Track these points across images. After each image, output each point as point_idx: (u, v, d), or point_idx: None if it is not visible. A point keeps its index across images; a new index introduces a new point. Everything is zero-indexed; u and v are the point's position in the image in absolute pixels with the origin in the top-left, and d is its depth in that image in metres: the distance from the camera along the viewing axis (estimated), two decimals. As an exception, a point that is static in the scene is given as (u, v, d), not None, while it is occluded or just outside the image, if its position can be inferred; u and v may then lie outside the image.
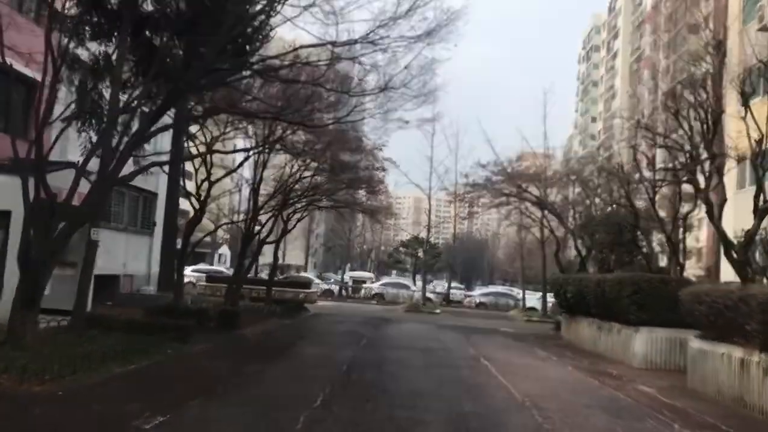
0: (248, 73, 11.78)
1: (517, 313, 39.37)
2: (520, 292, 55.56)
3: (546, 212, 28.65)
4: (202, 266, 51.61)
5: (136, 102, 11.67)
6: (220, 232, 51.96)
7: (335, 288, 49.18)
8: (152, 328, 13.70)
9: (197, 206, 20.97)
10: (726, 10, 24.25)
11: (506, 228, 52.24)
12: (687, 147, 14.49)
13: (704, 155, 14.07)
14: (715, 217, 13.53)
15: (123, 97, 12.54)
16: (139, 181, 23.73)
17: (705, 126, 13.08)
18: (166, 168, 24.17)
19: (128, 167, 14.89)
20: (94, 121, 13.02)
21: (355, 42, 11.17)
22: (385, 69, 12.26)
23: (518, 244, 44.05)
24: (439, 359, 14.68)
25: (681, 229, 18.21)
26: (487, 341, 20.92)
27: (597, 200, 24.71)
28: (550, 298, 37.61)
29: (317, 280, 52.02)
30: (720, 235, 13.39)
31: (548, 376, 13.22)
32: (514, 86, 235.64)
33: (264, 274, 42.52)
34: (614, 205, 21.40)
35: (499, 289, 60.99)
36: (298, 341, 16.30)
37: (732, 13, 23.79)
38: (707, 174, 14.21)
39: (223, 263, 65.88)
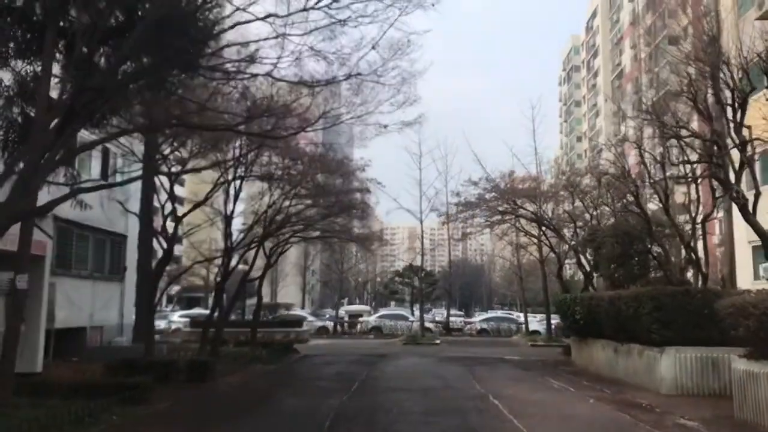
0: (186, 75, 9.96)
1: (521, 338, 37.28)
2: (521, 315, 53.61)
3: (544, 229, 26.80)
4: (196, 311, 49.35)
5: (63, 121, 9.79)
6: (212, 274, 49.67)
7: (330, 324, 46.86)
8: (102, 389, 11.71)
9: (165, 246, 19.11)
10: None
11: (502, 250, 50.33)
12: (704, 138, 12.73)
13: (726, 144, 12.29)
14: (749, 213, 11.71)
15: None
16: (104, 223, 21.92)
17: (732, 108, 11.38)
18: (133, 207, 22.36)
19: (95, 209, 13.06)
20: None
21: (305, 9, 9.34)
22: (352, 57, 10.51)
23: (515, 265, 42.10)
24: (442, 402, 12.66)
25: (700, 235, 16.39)
26: (493, 373, 18.90)
27: (598, 212, 22.94)
28: (554, 319, 35.75)
29: (310, 318, 49.77)
30: (759, 234, 11.55)
31: (571, 414, 11.23)
32: (496, 116, 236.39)
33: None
34: (621, 214, 19.57)
35: (500, 313, 58.95)
36: (278, 391, 14.24)
37: (725, 4, 22.39)
38: (735, 165, 12.41)
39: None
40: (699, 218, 17.72)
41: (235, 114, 11.33)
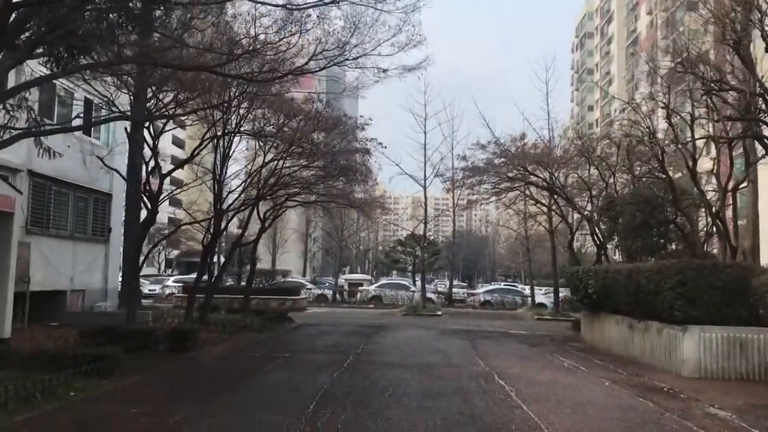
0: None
1: (526, 311, 36.09)
2: (525, 287, 52.35)
3: (556, 198, 25.28)
4: (192, 276, 48.28)
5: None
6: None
7: (329, 293, 45.76)
8: (69, 359, 10.49)
9: (149, 205, 17.77)
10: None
11: (508, 220, 48.92)
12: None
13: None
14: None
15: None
16: (86, 181, 20.56)
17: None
18: (120, 165, 20.97)
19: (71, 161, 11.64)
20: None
21: None
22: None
23: (523, 236, 40.65)
24: (442, 382, 11.41)
25: (729, 204, 14.95)
26: (498, 349, 17.69)
27: (615, 179, 21.42)
28: (561, 292, 34.54)
29: (309, 285, 48.73)
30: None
31: (585, 400, 9.97)
32: (506, 84, 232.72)
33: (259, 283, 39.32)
34: (643, 180, 18.06)
35: (503, 285, 57.82)
36: (264, 364, 13.01)
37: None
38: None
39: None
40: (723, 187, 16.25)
41: (217, 52, 9.87)
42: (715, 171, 16.35)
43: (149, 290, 45.45)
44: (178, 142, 77.29)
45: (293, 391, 10.07)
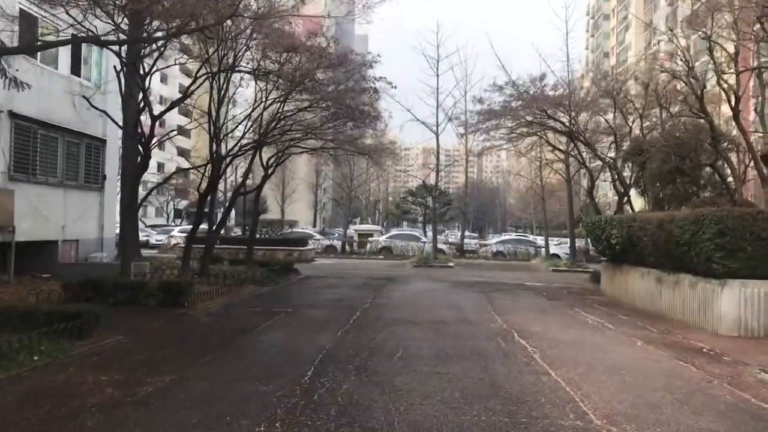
0: None
1: (540, 262, 34.96)
2: (537, 238, 51.11)
3: (576, 143, 23.69)
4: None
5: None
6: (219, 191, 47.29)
7: (338, 244, 44.74)
8: (42, 317, 9.44)
9: (141, 150, 16.56)
10: None
11: (521, 169, 47.38)
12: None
13: None
14: None
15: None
16: (77, 125, 19.28)
17: None
18: (111, 108, 19.61)
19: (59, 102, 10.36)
20: None
21: None
22: None
23: (537, 185, 39.15)
24: (456, 342, 10.30)
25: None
26: (515, 303, 16.59)
27: (642, 122, 19.82)
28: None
29: (318, 236, 47.76)
30: None
31: (619, 364, 8.83)
32: (521, 30, 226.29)
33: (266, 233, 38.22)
34: (676, 121, 16.51)
35: (514, 236, 56.64)
36: (262, 321, 11.93)
37: None
38: None
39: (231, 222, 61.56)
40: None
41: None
42: (759, 110, 14.83)
43: (156, 240, 44.81)
44: (182, 90, 75.57)
45: (290, 354, 8.98)
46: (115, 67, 17.66)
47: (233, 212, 65.20)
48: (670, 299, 14.56)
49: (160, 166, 75.14)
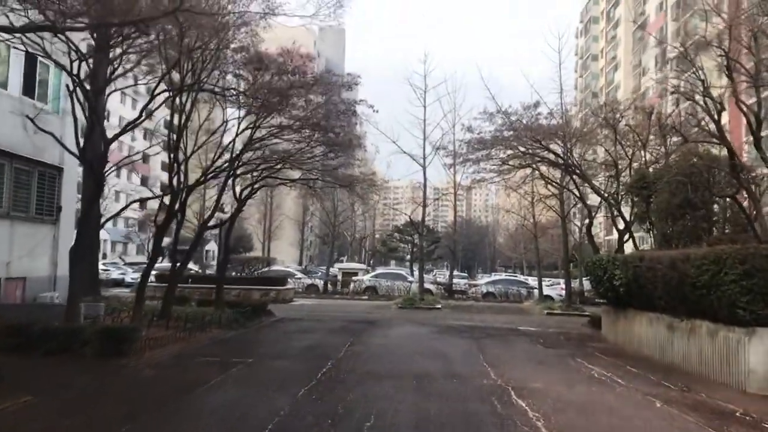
0: None
1: (534, 305, 33.16)
2: (527, 278, 49.34)
3: (572, 177, 22.18)
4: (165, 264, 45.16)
5: None
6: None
7: (320, 283, 42.73)
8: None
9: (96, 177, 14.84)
10: None
11: (512, 205, 45.85)
12: None
13: None
14: None
15: None
16: (28, 151, 17.56)
17: None
18: (66, 134, 17.90)
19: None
20: None
21: None
22: None
23: (529, 222, 37.53)
24: (442, 405, 8.50)
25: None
26: (510, 351, 14.82)
27: (644, 153, 18.36)
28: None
29: (299, 275, 45.75)
30: None
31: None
32: (512, 71, 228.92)
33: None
34: (690, 147, 14.99)
35: (505, 276, 54.88)
36: (214, 375, 10.07)
37: None
38: None
39: (212, 260, 59.35)
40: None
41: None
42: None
43: (131, 279, 42.70)
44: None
45: (236, 421, 7.16)
46: (67, 86, 16.03)
47: (215, 249, 63.24)
48: (685, 349, 12.87)
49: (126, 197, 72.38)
